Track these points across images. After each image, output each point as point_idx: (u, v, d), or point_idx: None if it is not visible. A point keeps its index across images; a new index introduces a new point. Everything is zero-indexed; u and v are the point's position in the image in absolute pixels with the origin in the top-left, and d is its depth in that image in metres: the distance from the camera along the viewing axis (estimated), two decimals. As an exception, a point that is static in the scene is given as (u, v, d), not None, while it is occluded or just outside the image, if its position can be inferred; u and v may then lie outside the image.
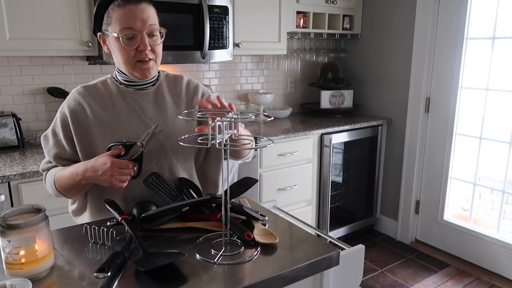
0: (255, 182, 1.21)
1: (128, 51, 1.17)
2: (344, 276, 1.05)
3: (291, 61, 3.13)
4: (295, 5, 2.83)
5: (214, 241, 1.01)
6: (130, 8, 1.15)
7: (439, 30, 2.78)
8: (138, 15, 1.15)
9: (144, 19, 1.16)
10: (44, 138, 1.29)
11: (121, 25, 1.15)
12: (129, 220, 1.04)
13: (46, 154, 1.29)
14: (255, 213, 1.12)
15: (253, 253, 0.95)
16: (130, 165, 1.10)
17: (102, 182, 1.10)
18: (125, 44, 1.16)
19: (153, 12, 1.20)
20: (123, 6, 1.15)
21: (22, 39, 1.91)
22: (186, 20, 2.25)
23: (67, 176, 1.19)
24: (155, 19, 1.20)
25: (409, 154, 3.04)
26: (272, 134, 2.54)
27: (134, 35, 1.16)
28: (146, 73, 1.23)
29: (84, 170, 1.13)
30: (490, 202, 2.90)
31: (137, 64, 1.20)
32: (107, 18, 1.18)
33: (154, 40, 1.20)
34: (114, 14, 1.16)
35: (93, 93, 1.26)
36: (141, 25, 1.15)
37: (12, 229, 0.84)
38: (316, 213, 2.91)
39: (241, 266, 0.91)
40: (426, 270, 2.76)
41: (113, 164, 1.07)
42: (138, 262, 0.88)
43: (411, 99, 2.96)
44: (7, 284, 0.80)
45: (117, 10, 1.15)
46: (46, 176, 1.28)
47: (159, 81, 1.32)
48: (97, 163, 1.10)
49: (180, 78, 1.37)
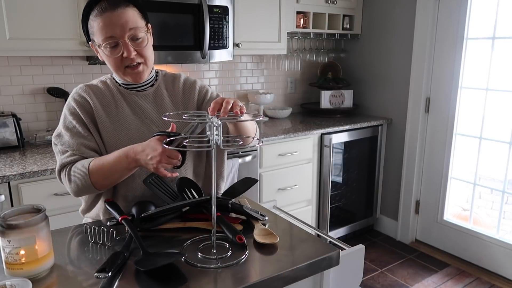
0: (255, 182, 1.21)
1: (115, 59, 1.16)
2: (344, 276, 1.05)
3: (291, 61, 3.13)
4: (295, 5, 2.83)
5: (201, 244, 1.01)
6: (107, 16, 1.12)
7: (439, 30, 2.78)
8: (116, 22, 1.12)
9: (123, 25, 1.12)
10: (57, 138, 1.22)
11: (102, 35, 1.13)
12: (129, 220, 1.04)
13: (63, 151, 1.21)
14: (255, 213, 1.12)
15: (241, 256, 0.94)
16: (179, 155, 1.08)
17: (149, 166, 1.08)
18: (110, 53, 1.15)
19: (132, 15, 1.15)
20: (100, 15, 1.13)
21: (22, 39, 1.91)
22: (186, 20, 2.25)
23: (113, 161, 1.13)
24: (136, 21, 1.15)
25: (409, 154, 3.04)
26: (272, 134, 2.54)
27: (116, 43, 1.14)
28: (137, 78, 1.21)
29: (135, 152, 1.10)
30: (490, 202, 2.90)
31: (127, 70, 1.19)
32: (90, 28, 1.16)
33: (138, 43, 1.17)
34: (94, 24, 1.14)
35: (96, 92, 1.25)
36: (120, 31, 1.12)
37: (12, 229, 0.84)
38: (316, 213, 2.91)
39: (241, 266, 0.91)
40: (426, 270, 2.76)
41: (163, 151, 1.05)
42: (138, 262, 0.88)
43: (411, 99, 2.96)
44: (7, 284, 0.80)
45: (96, 20, 1.13)
46: (73, 169, 1.17)
47: (158, 81, 1.31)
48: (148, 147, 1.08)
49: (178, 77, 1.35)
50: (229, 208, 1.11)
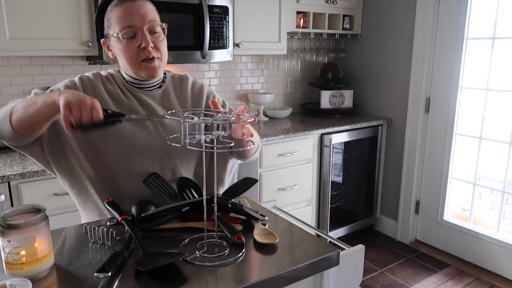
0: (255, 182, 1.21)
1: (131, 50, 1.14)
2: (344, 276, 1.05)
3: (291, 61, 3.13)
4: (295, 5, 2.83)
5: (199, 243, 1.01)
6: (127, 6, 1.12)
7: (439, 30, 2.78)
8: (136, 12, 1.12)
9: (143, 15, 1.13)
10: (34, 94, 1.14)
11: (120, 25, 1.12)
12: (129, 220, 1.04)
13: None
14: (255, 213, 1.12)
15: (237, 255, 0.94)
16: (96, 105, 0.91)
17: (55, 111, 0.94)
18: (127, 43, 1.13)
19: (151, 8, 1.16)
20: (120, 4, 1.13)
21: (22, 39, 1.91)
22: (186, 20, 2.25)
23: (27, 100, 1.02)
24: (155, 15, 1.17)
25: (409, 154, 3.04)
26: (272, 134, 2.54)
27: (135, 33, 1.13)
28: (152, 73, 1.18)
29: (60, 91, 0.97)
30: (490, 202, 2.90)
31: (142, 64, 1.16)
32: (107, 21, 1.16)
33: (156, 37, 1.16)
34: (112, 15, 1.14)
35: (104, 80, 1.22)
36: (140, 21, 1.12)
37: (12, 229, 0.84)
38: (316, 213, 2.91)
39: (241, 266, 0.91)
40: (426, 270, 2.76)
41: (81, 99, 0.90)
42: (138, 262, 0.88)
43: (411, 99, 2.96)
44: (7, 284, 0.80)
45: (114, 10, 1.13)
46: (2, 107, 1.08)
47: (166, 83, 1.30)
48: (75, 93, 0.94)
49: (186, 79, 1.35)
50: (229, 208, 1.11)
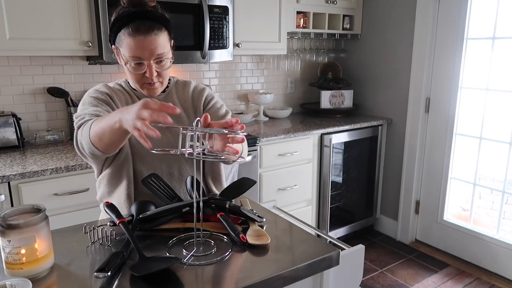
0: (253, 183, 1.21)
1: (136, 74, 1.21)
2: (344, 276, 1.05)
3: (291, 61, 3.13)
4: (295, 5, 2.83)
5: (187, 242, 1.02)
6: (140, 40, 1.15)
7: (439, 30, 2.78)
8: (146, 46, 1.16)
9: (152, 50, 1.17)
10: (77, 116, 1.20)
11: (130, 53, 1.17)
12: (126, 224, 1.04)
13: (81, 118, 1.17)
14: (252, 214, 1.11)
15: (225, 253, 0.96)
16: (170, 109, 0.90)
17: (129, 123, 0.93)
18: (133, 69, 1.20)
19: (163, 40, 1.18)
20: (133, 35, 1.15)
21: (22, 39, 1.91)
22: (186, 20, 2.25)
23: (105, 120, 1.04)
24: (165, 47, 1.20)
25: (409, 154, 3.04)
26: (272, 134, 2.54)
27: (142, 62, 1.18)
28: (151, 93, 1.28)
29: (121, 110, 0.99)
30: (490, 202, 2.90)
31: (144, 85, 1.25)
32: (119, 40, 1.19)
33: (161, 65, 1.22)
34: (124, 40, 1.17)
35: (116, 91, 1.31)
36: (149, 55, 1.17)
37: (12, 229, 0.84)
38: (316, 213, 2.91)
39: (241, 266, 0.91)
40: (426, 270, 2.76)
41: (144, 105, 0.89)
42: (133, 267, 0.87)
43: (411, 99, 2.96)
44: (7, 284, 0.80)
45: (127, 38, 1.16)
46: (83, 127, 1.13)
47: (169, 88, 1.36)
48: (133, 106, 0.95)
49: (188, 84, 1.41)
50: (226, 209, 1.11)
